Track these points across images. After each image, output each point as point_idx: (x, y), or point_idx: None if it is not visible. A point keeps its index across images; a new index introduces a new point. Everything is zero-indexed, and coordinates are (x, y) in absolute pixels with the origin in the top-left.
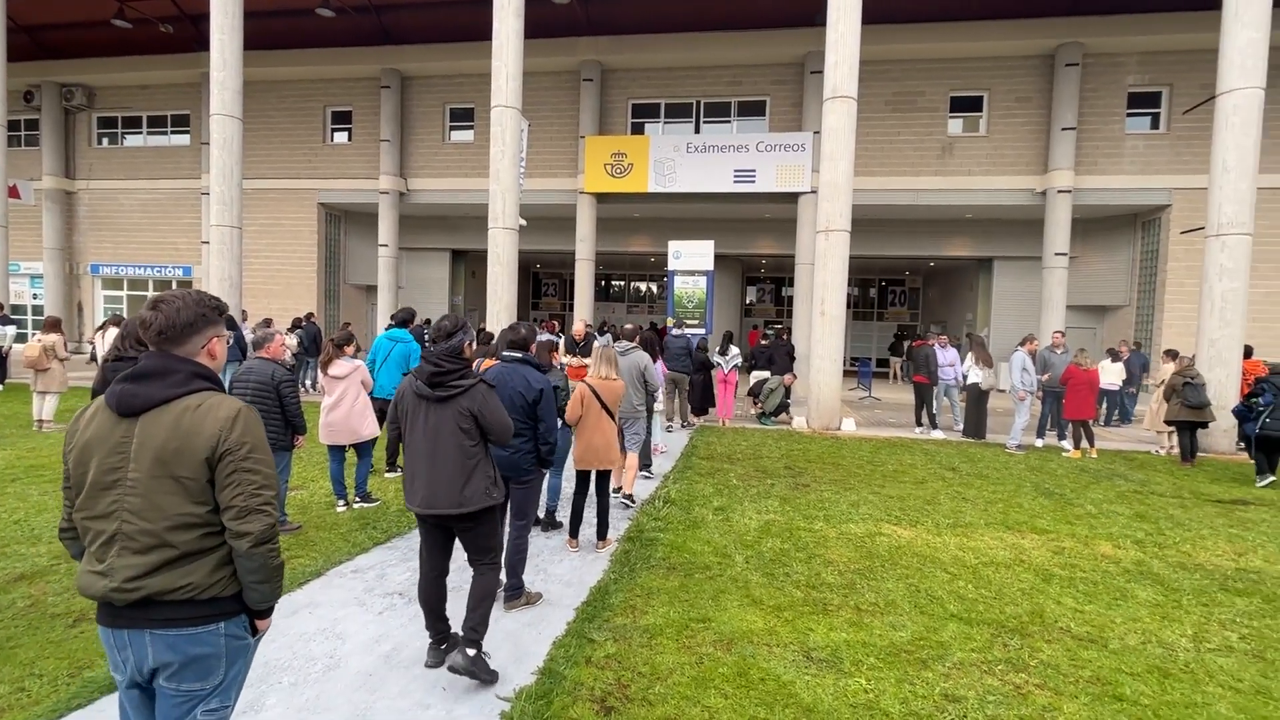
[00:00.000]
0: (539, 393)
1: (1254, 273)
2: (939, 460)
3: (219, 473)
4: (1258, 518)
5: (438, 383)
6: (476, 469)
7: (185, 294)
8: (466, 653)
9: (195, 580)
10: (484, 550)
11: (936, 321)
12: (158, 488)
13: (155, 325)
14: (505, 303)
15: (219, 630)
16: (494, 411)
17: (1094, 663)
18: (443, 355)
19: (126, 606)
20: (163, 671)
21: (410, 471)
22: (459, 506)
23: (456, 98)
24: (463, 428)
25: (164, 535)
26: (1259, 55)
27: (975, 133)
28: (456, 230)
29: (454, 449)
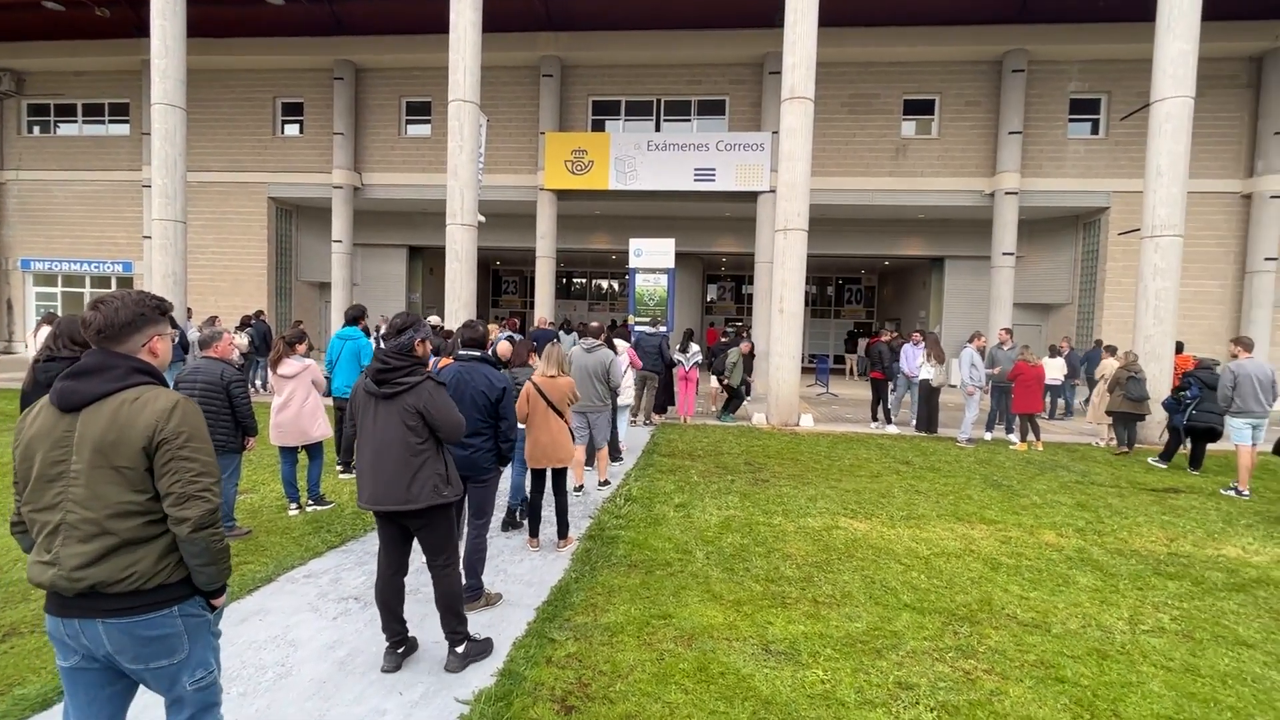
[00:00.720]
0: (501, 391)
1: (1184, 272)
2: (893, 454)
3: (157, 461)
4: (1187, 505)
5: (384, 379)
6: (424, 466)
7: (126, 294)
8: (456, 652)
9: (140, 569)
10: (439, 550)
11: (891, 319)
12: (98, 478)
13: (94, 324)
14: (464, 300)
15: (173, 613)
16: (442, 409)
17: (1038, 647)
18: (391, 352)
19: (76, 596)
20: (121, 656)
21: (360, 468)
22: (406, 503)
23: (413, 91)
24: (409, 425)
25: (105, 523)
26: (1189, 66)
27: (927, 135)
28: (414, 226)
29: (399, 446)
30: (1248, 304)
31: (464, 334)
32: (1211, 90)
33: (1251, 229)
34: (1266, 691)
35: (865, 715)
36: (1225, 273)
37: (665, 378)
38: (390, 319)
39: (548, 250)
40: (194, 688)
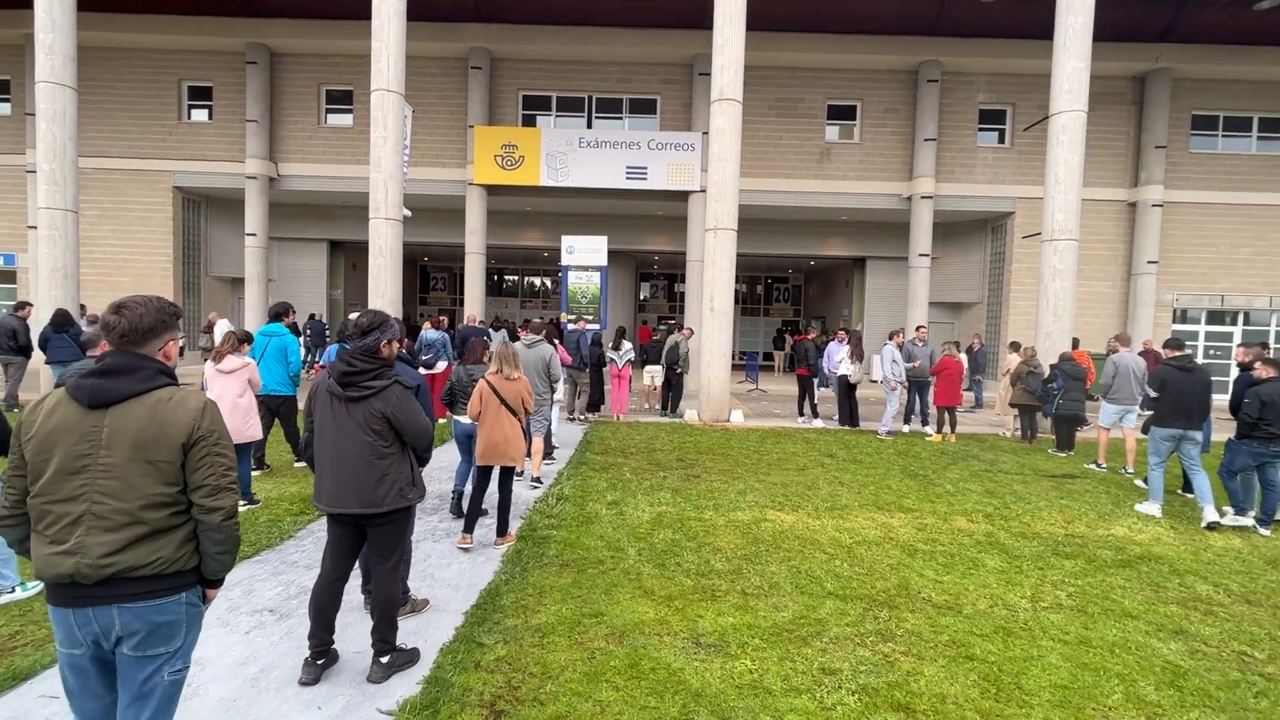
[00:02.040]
0: (414, 388)
1: (1080, 274)
2: (818, 448)
3: (191, 456)
4: (1082, 489)
5: (349, 382)
6: (390, 469)
7: (148, 299)
8: (381, 662)
9: (165, 555)
10: (390, 552)
11: (816, 317)
12: (134, 471)
13: (119, 328)
14: (389, 297)
15: (181, 600)
16: (409, 414)
17: (950, 628)
18: (357, 354)
19: (95, 584)
20: (128, 640)
21: (319, 469)
22: (372, 506)
23: (333, 79)
24: (374, 429)
25: (138, 513)
26: (1082, 82)
27: (850, 140)
28: (334, 219)
29: (364, 449)
30: (1133, 303)
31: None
32: (1102, 106)
33: (1136, 234)
34: (1148, 658)
35: (791, 702)
36: (1114, 274)
37: (596, 375)
38: (355, 318)
39: (477, 246)
40: (172, 678)
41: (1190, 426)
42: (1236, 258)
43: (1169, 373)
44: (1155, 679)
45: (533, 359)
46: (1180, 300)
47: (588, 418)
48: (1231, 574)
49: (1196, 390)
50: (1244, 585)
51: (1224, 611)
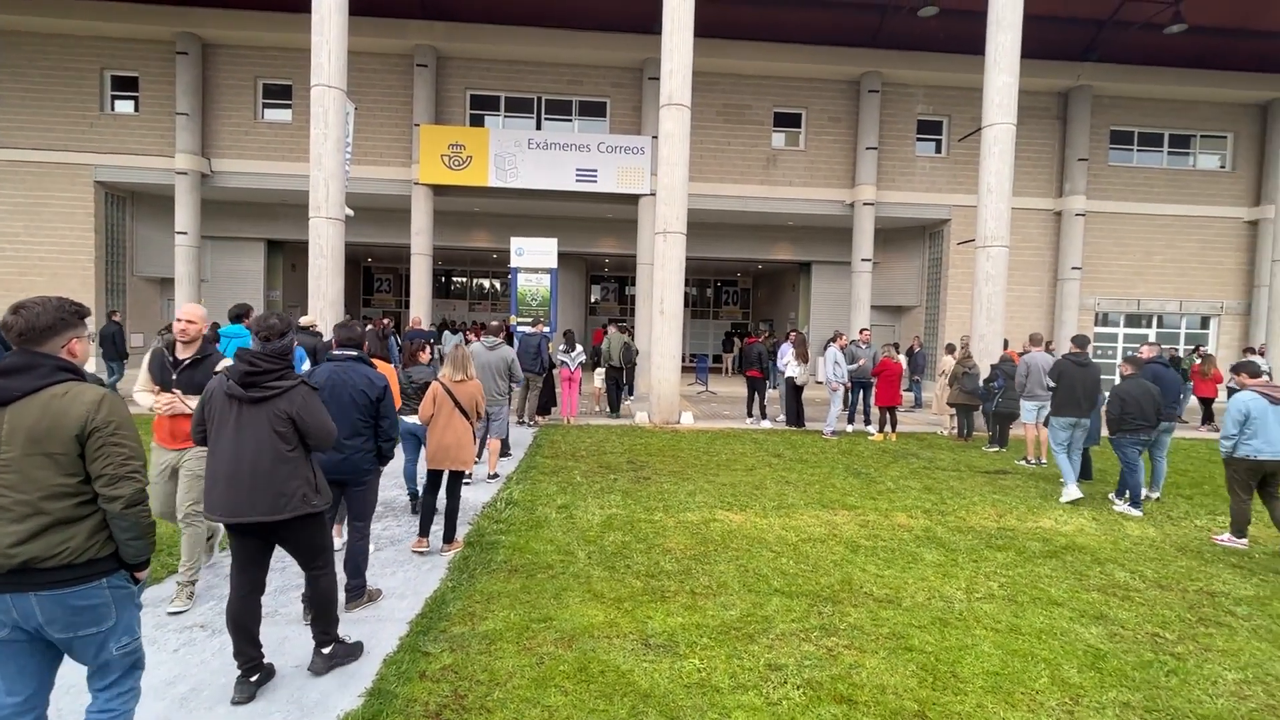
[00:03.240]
0: (382, 390)
1: (1010, 279)
2: (766, 448)
3: (89, 447)
4: (1013, 484)
5: (251, 383)
6: (293, 474)
7: (46, 299)
8: (322, 653)
9: (73, 544)
10: (315, 555)
11: (765, 320)
12: (31, 464)
13: (16, 328)
14: (330, 299)
15: (102, 585)
16: (315, 415)
17: (891, 620)
18: (263, 355)
19: (9, 572)
20: (51, 626)
21: (212, 477)
22: (275, 513)
23: (271, 72)
24: (278, 431)
25: (39, 504)
26: (1012, 96)
27: (796, 147)
28: (273, 218)
29: (268, 453)
30: (1059, 307)
31: (340, 334)
32: (1030, 119)
33: (1061, 242)
34: (1072, 643)
35: (738, 699)
36: (1042, 279)
37: (547, 378)
38: (265, 319)
39: (423, 247)
40: (120, 652)
41: (1081, 415)
42: (1150, 265)
43: (1066, 366)
44: (1078, 662)
45: (494, 361)
46: (1101, 304)
47: (537, 421)
48: (1146, 561)
49: (1088, 383)
50: (1157, 571)
51: (1139, 596)
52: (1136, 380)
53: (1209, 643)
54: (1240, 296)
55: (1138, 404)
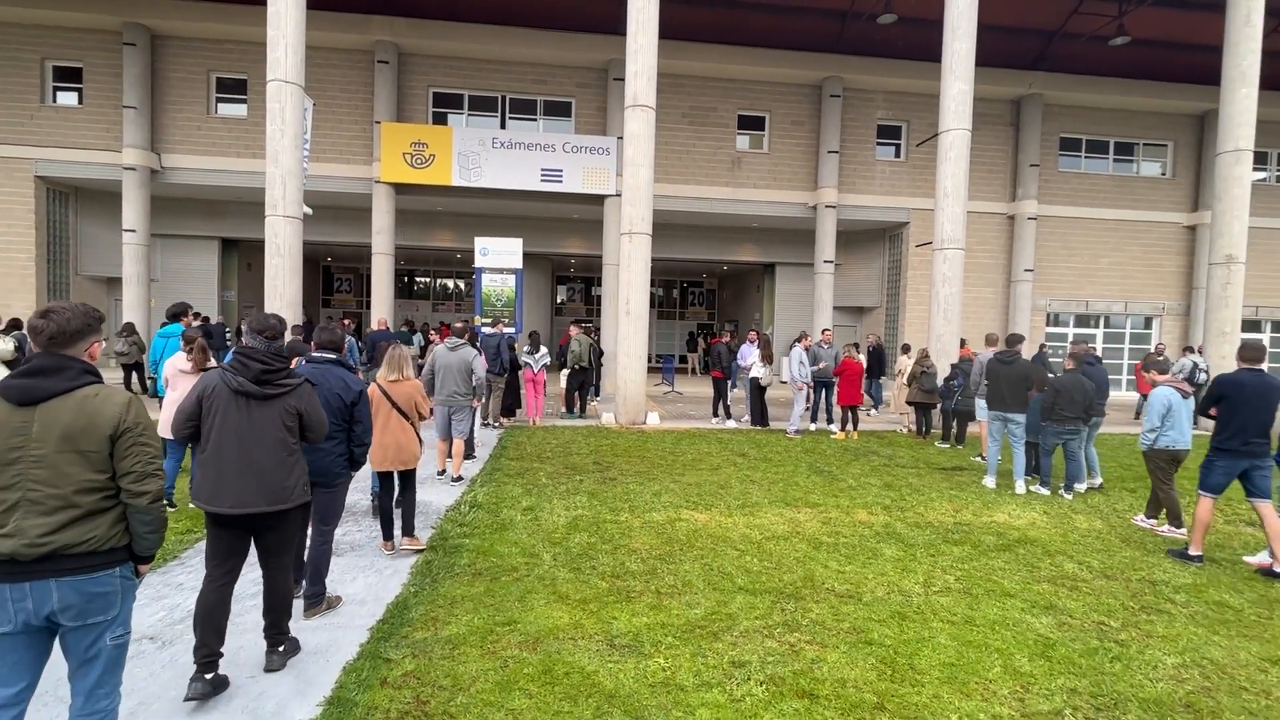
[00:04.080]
0: (358, 394)
1: (967, 281)
2: (731, 447)
3: (119, 446)
4: (969, 480)
5: (267, 380)
6: (296, 465)
7: (73, 305)
8: (279, 651)
9: (98, 534)
10: (285, 549)
11: (730, 320)
12: (64, 460)
13: (47, 332)
14: (288, 299)
15: (115, 573)
16: (317, 410)
17: (851, 615)
18: (272, 354)
19: (33, 561)
20: (65, 613)
21: (216, 471)
22: (281, 503)
23: (225, 66)
24: (288, 425)
25: (71, 498)
26: (967, 103)
27: (760, 150)
28: (227, 216)
29: (277, 446)
30: (1013, 308)
31: (321, 336)
32: (985, 126)
33: (1015, 245)
34: (1023, 633)
35: (702, 696)
36: (996, 281)
37: (511, 379)
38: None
39: (385, 247)
40: (114, 643)
41: (1008, 410)
42: (1098, 267)
43: (994, 365)
44: (1029, 651)
45: (456, 362)
46: (1052, 305)
47: (502, 423)
48: (1093, 552)
49: (1012, 380)
50: (1103, 562)
51: (1086, 586)
52: (1074, 375)
53: (1150, 629)
54: (1180, 298)
55: (1069, 396)
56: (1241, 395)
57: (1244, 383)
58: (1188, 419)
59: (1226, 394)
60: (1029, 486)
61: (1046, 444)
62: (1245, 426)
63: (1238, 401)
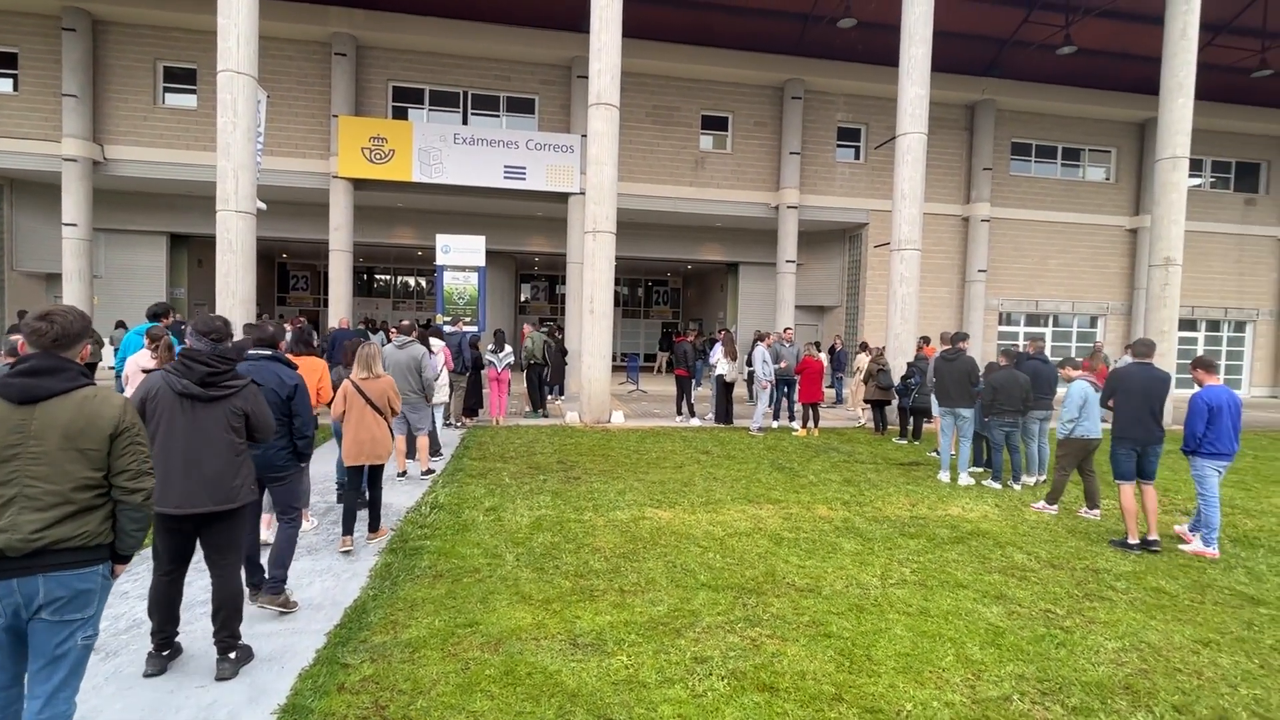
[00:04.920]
0: (293, 388)
1: (923, 281)
2: (695, 445)
3: (117, 444)
4: (925, 475)
5: (213, 382)
6: (244, 465)
7: (69, 308)
8: (230, 658)
9: (89, 529)
10: (232, 548)
11: (694, 319)
12: (64, 458)
13: (51, 334)
14: (241, 297)
15: (98, 571)
16: (265, 410)
17: (811, 609)
18: (218, 356)
19: (23, 556)
20: (48, 607)
21: (162, 472)
22: (229, 502)
23: (172, 55)
24: (234, 426)
25: (68, 494)
26: (923, 107)
27: (723, 150)
28: (175, 210)
29: (224, 447)
30: (967, 307)
31: (254, 334)
32: (941, 130)
33: (969, 246)
34: (975, 622)
35: (665, 693)
36: (951, 281)
37: (473, 378)
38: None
39: (343, 243)
40: (84, 643)
41: (954, 405)
42: (1047, 268)
43: (939, 363)
44: (980, 640)
45: (404, 359)
46: (1004, 305)
47: (464, 423)
48: (1041, 543)
49: (955, 376)
50: (1050, 552)
51: (1034, 576)
52: (1008, 371)
53: (1093, 615)
54: (1123, 298)
55: (1006, 391)
56: (1134, 386)
57: (1134, 376)
58: (1099, 411)
59: (1119, 387)
60: (980, 480)
61: (995, 438)
62: (1138, 416)
63: (1131, 392)
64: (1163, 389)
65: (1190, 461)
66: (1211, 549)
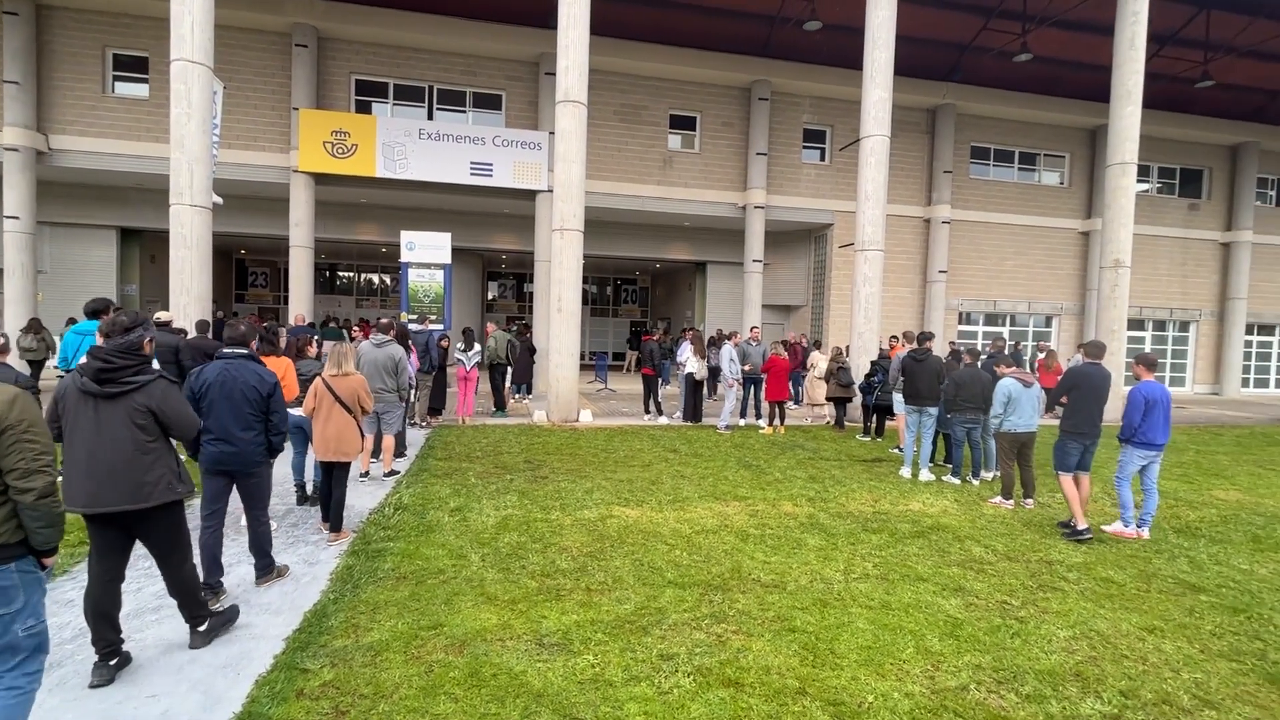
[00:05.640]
0: (272, 387)
1: (886, 281)
2: (663, 444)
3: (2, 443)
4: (887, 471)
5: (107, 379)
6: (156, 463)
7: None
8: (200, 631)
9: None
10: (174, 548)
11: (662, 318)
12: None
13: None
14: (196, 294)
15: (10, 569)
16: (176, 407)
17: (776, 604)
18: (115, 351)
19: None
20: None
21: (72, 469)
22: (140, 501)
23: (122, 42)
24: (138, 423)
25: None
26: (886, 111)
27: (691, 150)
28: (127, 204)
29: (127, 444)
30: (928, 307)
31: (228, 333)
32: (904, 133)
33: (930, 247)
34: (934, 615)
35: (631, 691)
36: (913, 281)
37: (438, 377)
38: (114, 317)
39: (304, 239)
40: (26, 634)
41: (923, 404)
42: (1004, 269)
43: (908, 362)
44: (939, 632)
45: (381, 359)
46: (964, 305)
47: (430, 422)
48: (998, 536)
49: (926, 376)
50: (1007, 545)
51: (991, 569)
52: (972, 369)
53: (1046, 606)
54: (1076, 299)
55: (969, 389)
56: (1088, 385)
57: (1090, 374)
58: (1030, 406)
59: (1077, 383)
60: (940, 477)
61: (956, 435)
62: (1091, 413)
63: (1085, 390)
64: (1109, 387)
65: (1121, 448)
66: (1131, 529)
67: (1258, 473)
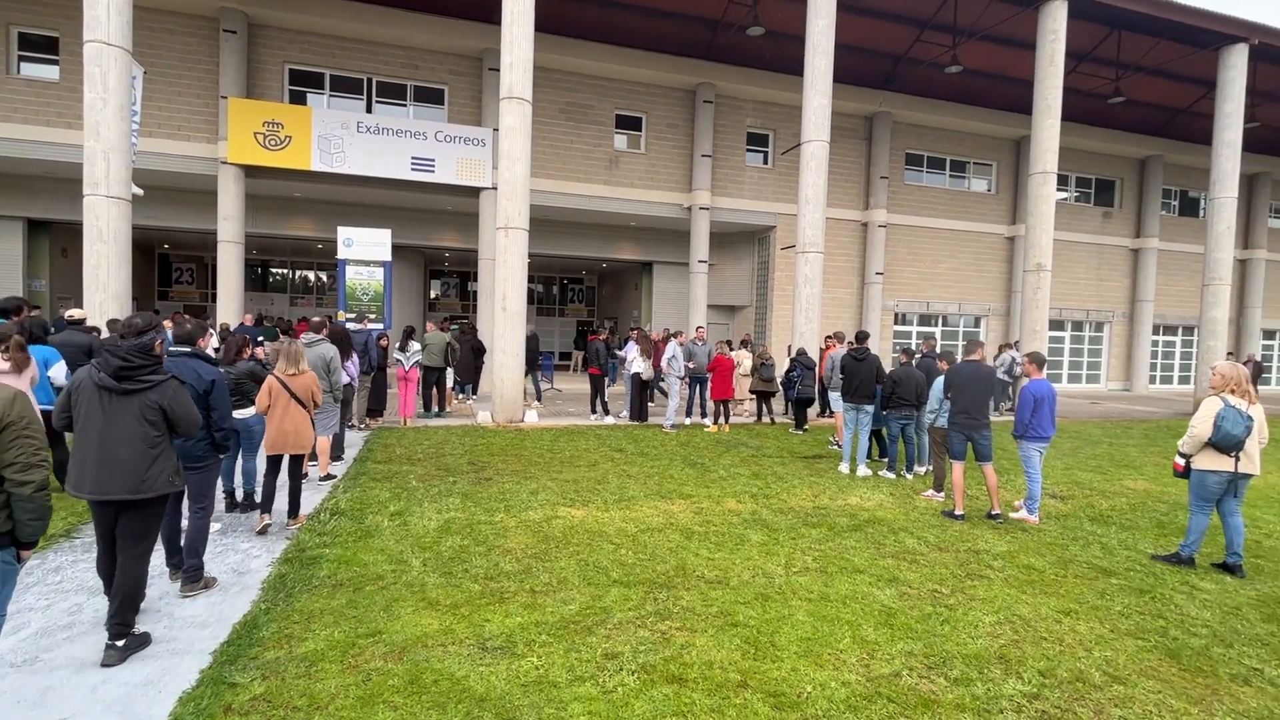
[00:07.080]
0: (210, 384)
1: (826, 282)
2: (609, 443)
3: (3, 438)
4: (827, 467)
5: (125, 376)
6: (160, 457)
7: None
8: (116, 645)
9: None
10: (144, 537)
11: (609, 318)
12: None
13: None
14: (114, 290)
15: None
16: (184, 406)
17: (719, 600)
18: (133, 351)
19: None
20: None
21: (80, 460)
22: (141, 492)
23: (29, 20)
24: (149, 419)
25: None
26: (826, 116)
27: (637, 150)
28: (34, 194)
29: (137, 439)
30: (866, 308)
31: (174, 331)
32: (843, 139)
33: (868, 250)
34: (870, 605)
35: (575, 691)
36: (852, 283)
37: (376, 378)
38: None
39: (234, 234)
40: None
41: (860, 401)
42: (937, 272)
43: (847, 360)
44: (874, 621)
45: (312, 358)
46: (899, 306)
47: (368, 424)
48: (930, 528)
49: (864, 374)
50: (938, 536)
51: (924, 559)
52: (907, 367)
53: (973, 593)
54: (1003, 300)
55: (905, 386)
56: (961, 382)
57: (964, 372)
58: None
59: (953, 381)
60: (876, 471)
61: (891, 430)
62: (966, 407)
63: (960, 387)
64: (989, 382)
65: (1018, 444)
66: (1034, 516)
67: (1163, 464)
